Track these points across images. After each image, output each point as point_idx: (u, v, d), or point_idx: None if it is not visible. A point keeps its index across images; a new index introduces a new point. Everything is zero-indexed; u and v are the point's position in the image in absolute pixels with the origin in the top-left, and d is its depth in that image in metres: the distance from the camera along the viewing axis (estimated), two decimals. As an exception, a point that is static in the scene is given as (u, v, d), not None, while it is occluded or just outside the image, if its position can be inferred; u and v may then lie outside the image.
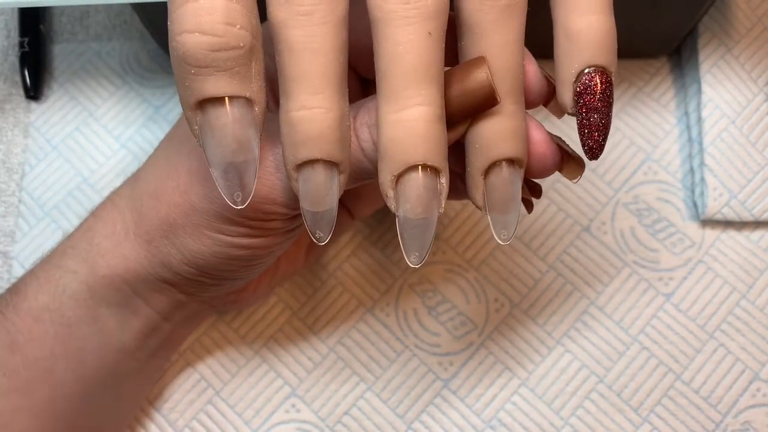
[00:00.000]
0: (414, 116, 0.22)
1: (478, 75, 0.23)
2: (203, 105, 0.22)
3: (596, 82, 0.24)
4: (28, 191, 0.41)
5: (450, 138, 0.24)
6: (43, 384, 0.31)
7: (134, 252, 0.30)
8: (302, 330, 0.38)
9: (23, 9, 0.43)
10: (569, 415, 0.37)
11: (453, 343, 0.38)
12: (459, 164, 0.26)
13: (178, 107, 0.42)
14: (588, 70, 0.24)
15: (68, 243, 0.31)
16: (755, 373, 0.38)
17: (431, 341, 0.38)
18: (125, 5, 0.43)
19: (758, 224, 0.39)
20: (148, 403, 0.37)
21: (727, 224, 0.40)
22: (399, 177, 0.23)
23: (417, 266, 0.24)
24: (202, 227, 0.28)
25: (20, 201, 0.41)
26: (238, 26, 0.21)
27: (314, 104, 0.22)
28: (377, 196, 0.35)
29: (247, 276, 0.32)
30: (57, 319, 0.30)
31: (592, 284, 0.39)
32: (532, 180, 0.27)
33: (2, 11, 0.44)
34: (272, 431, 0.37)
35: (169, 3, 0.22)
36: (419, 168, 0.23)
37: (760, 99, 0.40)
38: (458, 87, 0.23)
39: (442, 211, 0.24)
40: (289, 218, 0.28)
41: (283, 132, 0.23)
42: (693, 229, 0.40)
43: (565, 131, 0.40)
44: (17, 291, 0.31)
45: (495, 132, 0.24)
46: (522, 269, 0.39)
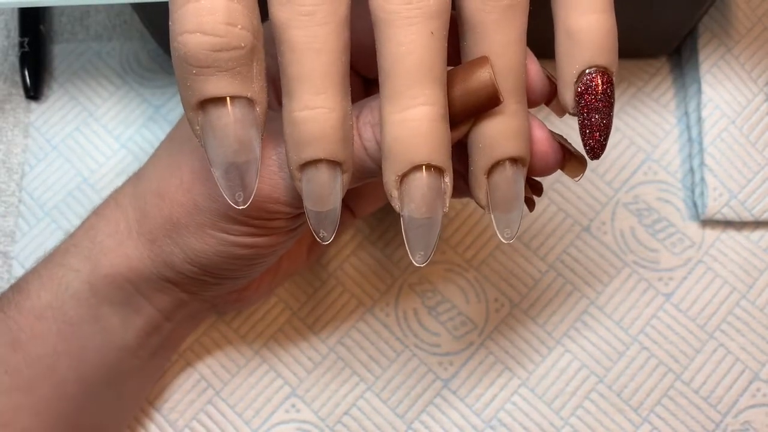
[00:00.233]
0: (418, 116, 0.22)
1: (481, 75, 0.23)
2: (205, 105, 0.22)
3: (597, 83, 0.24)
4: (28, 191, 0.41)
5: (453, 137, 0.24)
6: (45, 382, 0.31)
7: (137, 251, 0.30)
8: (302, 330, 0.38)
9: (23, 9, 0.43)
10: (569, 415, 0.37)
11: (453, 343, 0.38)
12: (461, 163, 0.26)
13: (179, 107, 0.42)
14: (589, 71, 0.24)
15: (71, 241, 0.31)
16: (755, 373, 0.38)
17: (431, 341, 0.38)
18: (125, 5, 0.43)
19: (758, 224, 0.40)
20: (148, 403, 0.37)
21: (727, 224, 0.40)
22: (403, 177, 0.23)
23: (422, 265, 0.24)
24: (206, 226, 0.28)
25: (20, 201, 0.41)
26: (240, 26, 0.21)
27: (317, 104, 0.22)
28: (379, 195, 0.35)
29: (250, 275, 0.32)
30: (59, 317, 0.30)
31: (592, 284, 0.39)
32: (534, 178, 0.27)
33: (2, 11, 0.44)
34: (272, 431, 0.37)
35: (171, 3, 0.22)
36: (423, 168, 0.23)
37: (760, 99, 0.40)
38: (461, 87, 0.23)
39: (447, 211, 0.24)
40: (293, 217, 0.28)
41: (287, 132, 0.23)
42: (693, 229, 0.40)
43: (566, 131, 0.40)
44: (20, 289, 0.31)
45: (498, 131, 0.24)
46: (522, 269, 0.39)
